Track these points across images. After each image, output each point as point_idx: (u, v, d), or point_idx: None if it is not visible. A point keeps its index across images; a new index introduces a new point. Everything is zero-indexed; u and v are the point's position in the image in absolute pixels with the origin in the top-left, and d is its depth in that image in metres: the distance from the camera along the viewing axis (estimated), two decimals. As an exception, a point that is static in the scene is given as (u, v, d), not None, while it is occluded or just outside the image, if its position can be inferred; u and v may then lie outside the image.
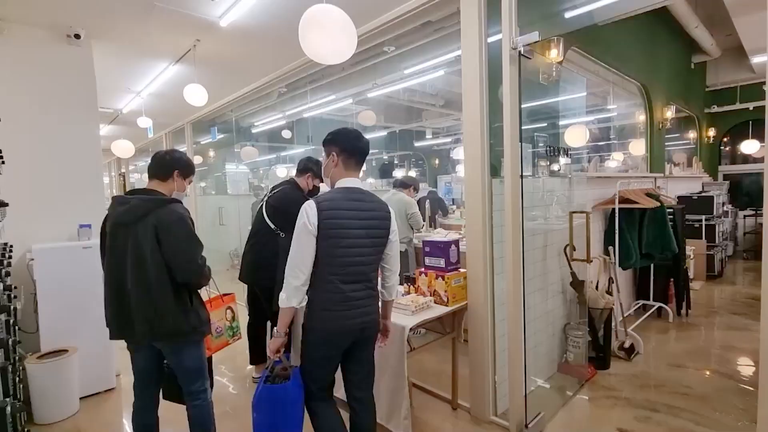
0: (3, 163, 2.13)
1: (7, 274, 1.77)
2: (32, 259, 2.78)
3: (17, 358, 2.03)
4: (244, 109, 6.01)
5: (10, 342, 1.44)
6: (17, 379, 1.83)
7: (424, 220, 5.12)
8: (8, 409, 1.09)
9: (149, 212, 1.75)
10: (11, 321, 1.81)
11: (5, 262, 1.93)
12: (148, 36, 3.30)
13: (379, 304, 1.85)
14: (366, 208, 1.73)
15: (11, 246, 2.43)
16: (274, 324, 1.83)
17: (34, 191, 3.03)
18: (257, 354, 3.08)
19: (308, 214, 1.63)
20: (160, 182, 1.89)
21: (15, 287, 2.10)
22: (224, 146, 7.70)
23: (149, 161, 1.92)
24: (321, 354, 1.72)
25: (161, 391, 1.98)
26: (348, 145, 1.77)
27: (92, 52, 3.33)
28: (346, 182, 1.75)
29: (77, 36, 3.13)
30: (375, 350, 1.91)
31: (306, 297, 1.68)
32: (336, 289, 1.66)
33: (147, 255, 1.73)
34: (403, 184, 4.38)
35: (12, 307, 1.81)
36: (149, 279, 1.74)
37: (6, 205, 2.03)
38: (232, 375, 3.23)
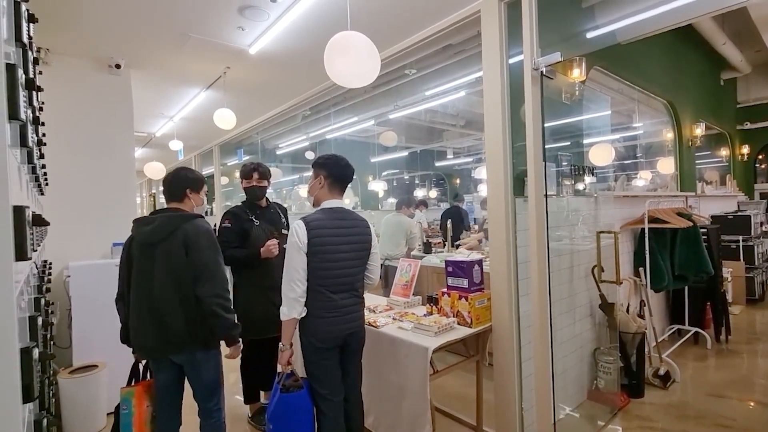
0: (47, 184, 2.26)
1: (47, 290, 1.85)
2: (68, 276, 2.91)
3: (51, 372, 2.10)
4: (270, 132, 6.21)
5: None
6: (51, 393, 1.88)
7: (446, 240, 5.20)
8: (44, 422, 1.12)
9: (176, 228, 1.82)
10: (48, 336, 1.89)
11: (45, 278, 2.02)
12: (182, 64, 3.49)
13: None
14: (349, 225, 1.94)
15: (50, 263, 2.54)
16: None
17: (72, 210, 3.19)
18: (251, 392, 2.77)
19: (298, 233, 1.83)
20: (178, 203, 1.96)
21: (52, 303, 2.20)
22: (250, 167, 7.92)
23: (162, 184, 2.01)
24: (320, 357, 1.89)
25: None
26: (336, 172, 1.96)
27: (131, 80, 3.54)
28: (330, 203, 1.95)
29: (118, 66, 3.35)
30: (395, 372, 2.03)
31: (305, 308, 1.85)
32: (326, 298, 1.86)
33: (178, 269, 1.79)
34: (400, 205, 4.78)
35: (49, 322, 1.88)
36: (181, 292, 1.79)
37: (48, 224, 2.15)
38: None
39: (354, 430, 2.05)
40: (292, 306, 1.81)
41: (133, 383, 2.02)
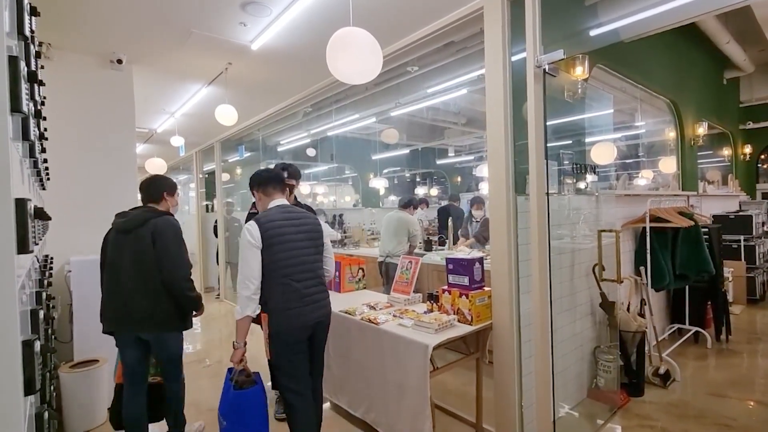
0: (48, 178, 2.26)
1: (49, 284, 1.86)
2: (70, 271, 2.91)
3: (52, 366, 2.10)
4: (271, 128, 6.20)
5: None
6: (52, 386, 1.89)
7: (447, 237, 5.20)
8: (45, 415, 1.12)
9: (147, 221, 2.07)
10: (49, 330, 1.89)
11: (47, 273, 2.02)
12: (184, 60, 3.49)
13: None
14: (297, 217, 2.04)
15: (52, 258, 2.54)
16: None
17: (74, 206, 3.20)
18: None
19: (251, 231, 1.90)
20: (155, 204, 2.21)
21: (53, 297, 2.20)
22: (251, 164, 7.91)
23: (140, 188, 2.25)
24: (291, 351, 1.92)
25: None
26: (259, 181, 2.14)
27: (132, 76, 3.54)
28: (274, 203, 2.09)
29: (119, 61, 3.34)
30: (396, 369, 2.05)
31: (259, 306, 1.89)
32: (291, 289, 1.90)
33: (146, 256, 2.03)
34: (404, 205, 4.75)
35: (51, 317, 1.88)
36: (148, 277, 2.03)
37: (49, 218, 2.15)
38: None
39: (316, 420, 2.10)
40: (246, 304, 1.86)
41: None
